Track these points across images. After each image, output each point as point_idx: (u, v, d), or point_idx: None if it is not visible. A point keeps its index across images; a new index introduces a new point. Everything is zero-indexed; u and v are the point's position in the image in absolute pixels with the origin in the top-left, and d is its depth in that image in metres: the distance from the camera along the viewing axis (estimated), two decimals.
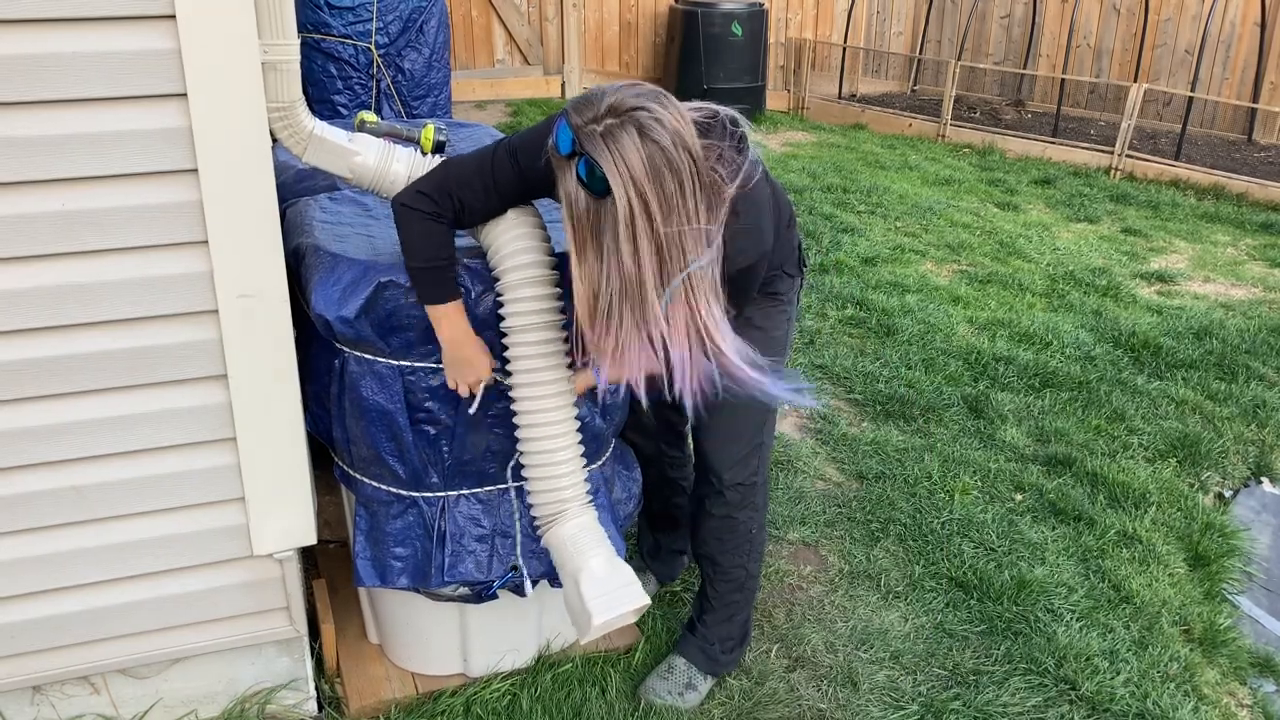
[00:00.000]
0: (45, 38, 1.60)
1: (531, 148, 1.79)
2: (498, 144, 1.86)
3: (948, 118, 8.23)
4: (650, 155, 1.56)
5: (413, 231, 1.83)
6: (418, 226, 1.82)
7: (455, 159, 1.88)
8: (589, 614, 1.84)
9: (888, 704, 2.37)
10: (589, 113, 1.58)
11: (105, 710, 2.17)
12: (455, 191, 1.82)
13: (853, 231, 5.73)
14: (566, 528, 1.94)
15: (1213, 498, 3.43)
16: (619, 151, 1.55)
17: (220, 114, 1.71)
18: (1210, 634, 2.68)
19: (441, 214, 1.82)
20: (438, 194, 1.82)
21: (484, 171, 1.83)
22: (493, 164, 1.83)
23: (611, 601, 1.86)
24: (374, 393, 1.99)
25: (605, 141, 1.55)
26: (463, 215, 1.85)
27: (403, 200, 1.83)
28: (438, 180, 1.84)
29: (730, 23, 8.24)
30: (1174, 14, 8.46)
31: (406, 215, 1.83)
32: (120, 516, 1.95)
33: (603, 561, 1.91)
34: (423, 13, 4.94)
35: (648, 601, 1.91)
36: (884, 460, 3.40)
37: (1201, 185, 7.00)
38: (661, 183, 1.57)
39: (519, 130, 1.87)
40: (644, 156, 1.56)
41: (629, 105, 1.57)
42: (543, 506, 1.96)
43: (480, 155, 1.85)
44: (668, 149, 1.57)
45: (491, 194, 1.84)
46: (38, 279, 1.73)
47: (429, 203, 1.81)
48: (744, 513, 2.26)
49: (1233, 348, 4.42)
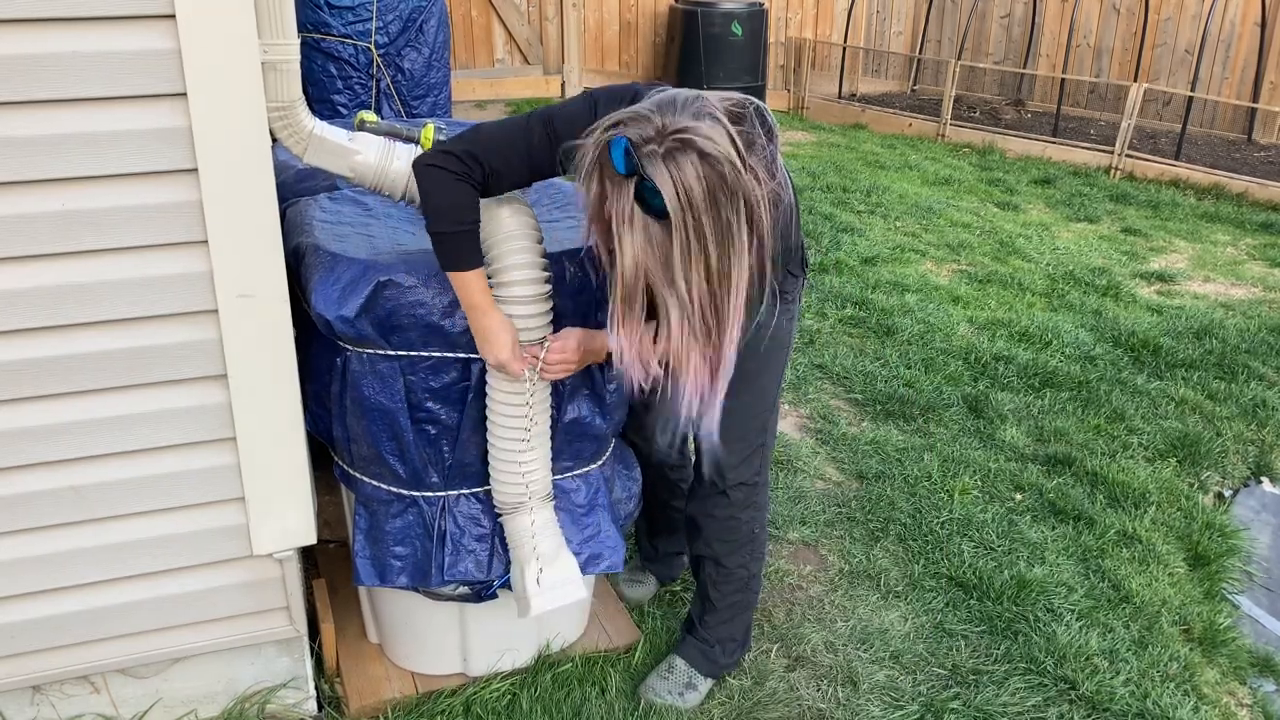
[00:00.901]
0: (45, 37, 1.60)
1: (566, 119, 1.77)
2: (530, 115, 1.83)
3: (948, 117, 8.23)
4: (708, 179, 1.56)
5: (438, 192, 1.76)
6: (444, 187, 1.76)
7: (486, 124, 1.84)
8: (529, 603, 2.06)
9: (887, 704, 2.37)
10: (645, 129, 1.57)
11: (105, 710, 2.17)
12: (485, 156, 1.77)
13: (852, 231, 5.73)
14: (524, 519, 2.07)
15: (1213, 497, 3.43)
16: (680, 176, 1.55)
17: (220, 114, 1.71)
18: (1210, 634, 2.68)
19: (470, 175, 1.76)
20: (467, 156, 1.76)
21: (515, 139, 1.79)
22: (527, 131, 1.79)
23: (552, 596, 2.07)
24: (375, 391, 1.99)
25: (666, 165, 1.55)
26: (490, 181, 1.79)
27: (428, 160, 1.77)
28: (467, 142, 1.78)
29: (730, 22, 8.24)
30: (1174, 13, 8.46)
31: (432, 175, 1.76)
32: (120, 516, 1.95)
33: (551, 555, 2.08)
34: (422, 12, 4.94)
35: (585, 596, 2.15)
36: (884, 460, 3.40)
37: (1201, 185, 7.00)
38: (718, 209, 1.58)
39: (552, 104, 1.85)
40: (704, 183, 1.56)
41: (683, 126, 1.56)
42: (504, 496, 2.06)
43: (513, 122, 1.82)
44: (726, 175, 1.57)
45: (523, 162, 1.80)
46: (37, 279, 1.73)
47: (457, 163, 1.75)
48: (747, 513, 2.26)
49: (1233, 347, 4.42)
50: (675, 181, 1.55)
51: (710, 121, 1.59)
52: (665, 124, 1.57)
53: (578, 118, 1.77)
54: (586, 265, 2.00)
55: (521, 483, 2.04)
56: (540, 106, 1.86)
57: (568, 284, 2.01)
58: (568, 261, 2.02)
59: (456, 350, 1.99)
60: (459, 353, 1.99)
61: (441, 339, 1.97)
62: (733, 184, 1.58)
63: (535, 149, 1.80)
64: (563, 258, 2.01)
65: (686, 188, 1.55)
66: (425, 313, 1.93)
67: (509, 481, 2.04)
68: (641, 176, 1.56)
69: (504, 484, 2.05)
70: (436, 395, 2.02)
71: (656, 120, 1.58)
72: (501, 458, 2.03)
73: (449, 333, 1.96)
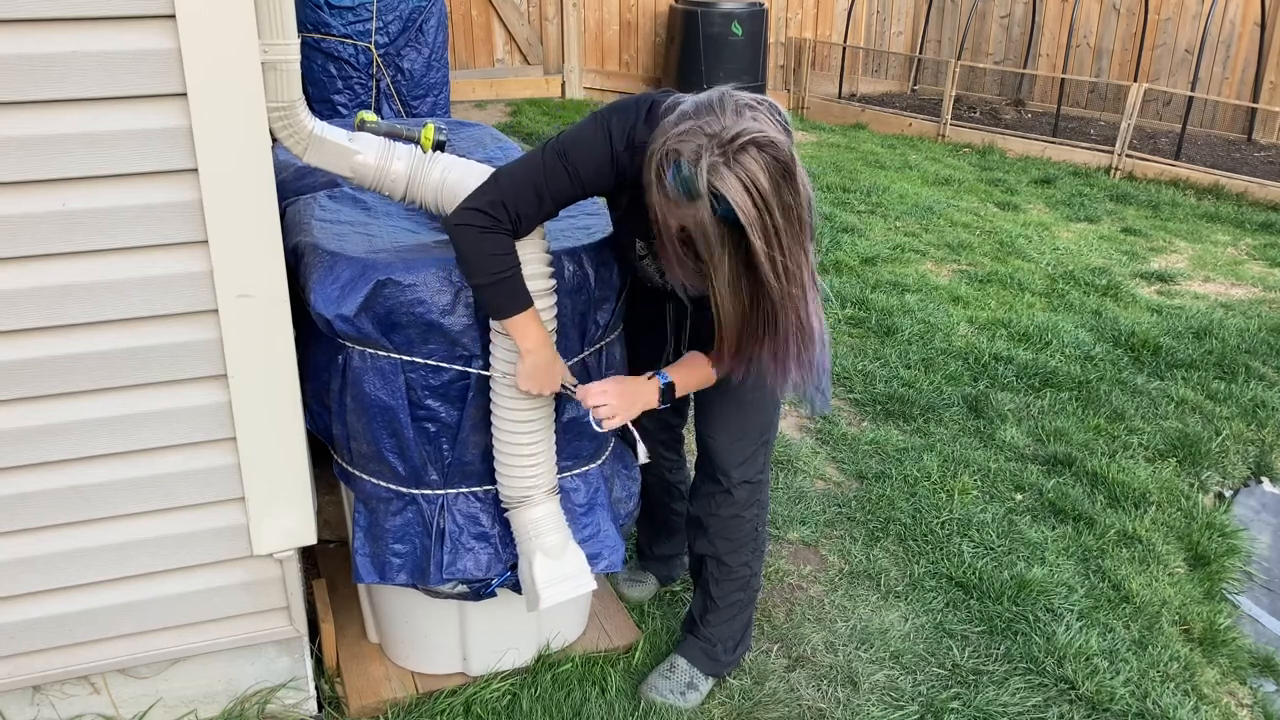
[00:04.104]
0: (46, 37, 1.60)
1: (581, 148, 1.80)
2: (544, 147, 1.84)
3: (948, 117, 8.23)
4: (770, 169, 1.59)
5: (471, 249, 1.80)
6: (475, 243, 1.79)
7: (502, 170, 1.85)
8: (539, 596, 2.05)
9: (887, 704, 2.37)
10: (699, 142, 1.59)
11: (105, 710, 2.17)
12: (509, 202, 1.80)
13: (853, 231, 5.73)
14: (531, 512, 2.07)
15: (1213, 497, 3.43)
16: (748, 177, 1.58)
17: (220, 114, 1.71)
18: (1210, 634, 2.68)
19: (499, 225, 1.80)
20: (491, 207, 1.79)
21: (535, 178, 1.81)
22: (544, 169, 1.81)
23: (562, 588, 2.07)
24: (376, 388, 1.99)
25: (734, 170, 1.58)
26: (519, 225, 1.82)
27: (455, 220, 1.81)
28: (489, 192, 1.81)
29: (730, 22, 8.24)
30: (1174, 14, 8.46)
31: (461, 234, 1.80)
32: (120, 516, 1.95)
33: (559, 548, 2.07)
34: (422, 12, 4.95)
35: (594, 587, 2.13)
36: (884, 460, 3.40)
37: (1201, 185, 7.00)
38: (780, 193, 1.61)
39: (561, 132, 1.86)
40: (768, 172, 1.59)
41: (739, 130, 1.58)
42: (510, 490, 2.06)
43: (529, 161, 1.83)
44: (783, 158, 1.60)
45: (545, 200, 1.82)
46: (38, 279, 1.73)
47: (483, 217, 1.79)
48: (751, 510, 2.26)
49: (1232, 347, 4.42)
50: (745, 183, 1.58)
51: (750, 112, 1.62)
52: (717, 131, 1.59)
53: (594, 145, 1.80)
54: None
55: (528, 476, 2.04)
56: (551, 138, 1.85)
57: (566, 282, 2.02)
58: (567, 260, 2.02)
59: (456, 348, 1.99)
60: (459, 351, 1.99)
61: (441, 337, 1.97)
62: (788, 164, 1.61)
63: (555, 187, 1.82)
64: (562, 256, 2.02)
65: (756, 184, 1.58)
66: (424, 311, 1.93)
67: (515, 475, 2.04)
68: (713, 194, 1.59)
69: (510, 477, 2.05)
70: (436, 393, 2.02)
71: (706, 129, 1.59)
72: (508, 451, 2.02)
73: (449, 331, 1.96)
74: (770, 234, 1.62)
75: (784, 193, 1.61)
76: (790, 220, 1.64)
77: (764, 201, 1.59)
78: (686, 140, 1.60)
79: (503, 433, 2.02)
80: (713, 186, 1.58)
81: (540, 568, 2.06)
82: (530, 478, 2.04)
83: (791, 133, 1.71)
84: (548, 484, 2.08)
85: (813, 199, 1.76)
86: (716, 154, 1.57)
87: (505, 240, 1.82)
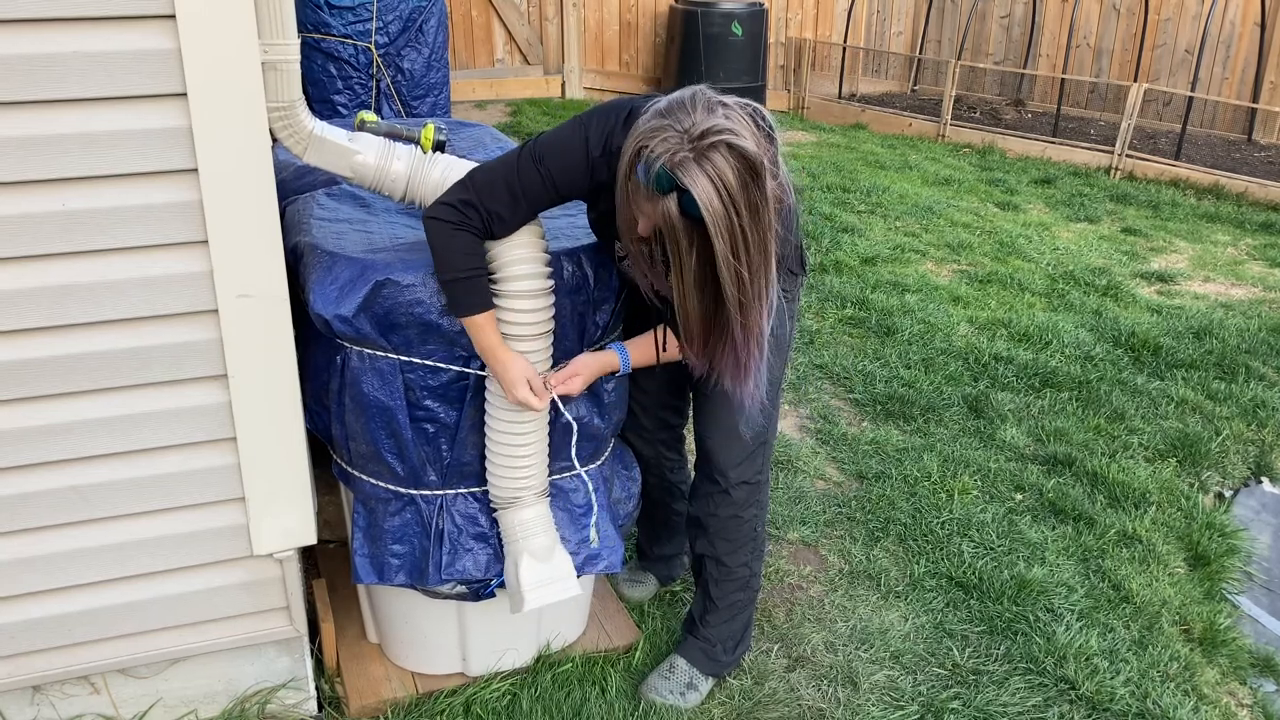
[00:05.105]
0: (46, 37, 1.60)
1: (556, 152, 1.80)
2: (521, 149, 1.85)
3: (948, 117, 8.23)
4: (738, 169, 1.59)
5: (439, 244, 1.83)
6: (444, 239, 1.82)
7: (480, 168, 1.87)
8: (523, 599, 2.05)
9: (887, 704, 2.37)
10: (669, 139, 1.59)
11: (105, 710, 2.17)
12: (480, 201, 1.81)
13: (852, 231, 5.73)
14: (520, 513, 2.08)
15: (1213, 497, 3.43)
16: (717, 174, 1.57)
17: (220, 114, 1.71)
18: (1210, 634, 2.68)
19: (467, 222, 1.82)
20: (462, 204, 1.81)
21: (510, 179, 1.82)
22: (518, 171, 1.82)
23: (547, 591, 2.08)
24: (375, 389, 1.99)
25: (702, 166, 1.57)
26: (493, 224, 1.84)
27: (429, 214, 1.84)
28: (461, 191, 1.83)
29: (730, 22, 8.24)
30: (1174, 14, 8.46)
31: (431, 227, 1.83)
32: (120, 516, 1.95)
33: (546, 551, 2.08)
34: (422, 12, 4.95)
35: (578, 593, 2.14)
36: (884, 460, 3.40)
37: (1201, 185, 7.00)
38: (748, 191, 1.61)
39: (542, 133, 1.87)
40: (735, 171, 1.59)
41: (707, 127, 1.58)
42: (500, 490, 2.07)
43: (505, 162, 1.84)
44: (754, 161, 1.59)
45: (520, 202, 1.83)
46: (39, 279, 1.73)
47: (453, 213, 1.81)
48: (750, 511, 2.26)
49: (1232, 347, 4.42)
50: (713, 178, 1.57)
51: (723, 110, 1.62)
52: (687, 127, 1.59)
53: (569, 150, 1.81)
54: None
55: (518, 478, 2.04)
56: (530, 139, 1.86)
57: (565, 282, 2.02)
58: (566, 260, 2.02)
59: (455, 349, 1.99)
60: (458, 351, 1.99)
61: (440, 338, 1.97)
62: (756, 165, 1.60)
63: (529, 189, 1.83)
64: (562, 256, 2.02)
65: (724, 180, 1.58)
66: (423, 311, 1.93)
67: (505, 476, 2.05)
68: (679, 188, 1.59)
69: (500, 479, 2.06)
70: (435, 394, 2.02)
71: (677, 126, 1.60)
72: (499, 452, 2.03)
73: (447, 331, 1.96)
74: (735, 235, 1.62)
75: (751, 192, 1.61)
76: (757, 222, 1.63)
77: (731, 199, 1.59)
78: (657, 135, 1.60)
79: (495, 433, 2.02)
80: (680, 180, 1.58)
81: (526, 570, 2.06)
82: (521, 479, 2.05)
83: (775, 137, 1.70)
84: (538, 486, 2.09)
85: (794, 203, 1.76)
86: (686, 149, 1.58)
87: (474, 240, 1.84)
